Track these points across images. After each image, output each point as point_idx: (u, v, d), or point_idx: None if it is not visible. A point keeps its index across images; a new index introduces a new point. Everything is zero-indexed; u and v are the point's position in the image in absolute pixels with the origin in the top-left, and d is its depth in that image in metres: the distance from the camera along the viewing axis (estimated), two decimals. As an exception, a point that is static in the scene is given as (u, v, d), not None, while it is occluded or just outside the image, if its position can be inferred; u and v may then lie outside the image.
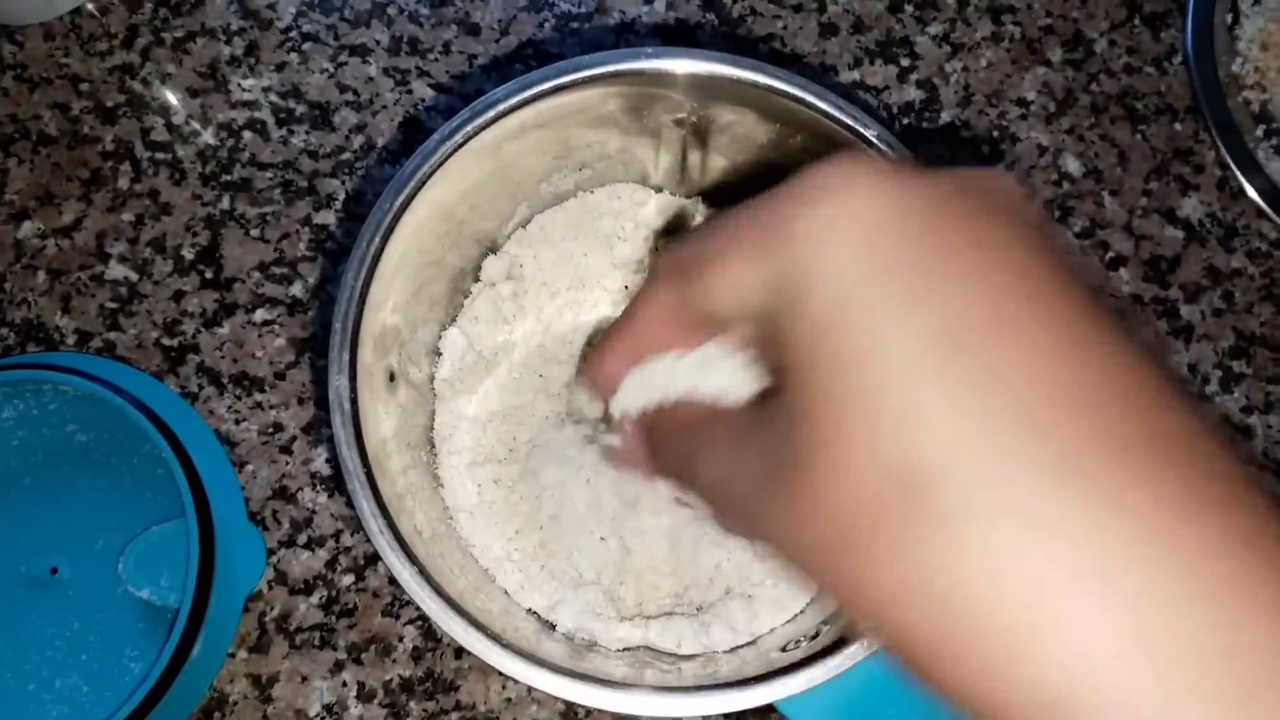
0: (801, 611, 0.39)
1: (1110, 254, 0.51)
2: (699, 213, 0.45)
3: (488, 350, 0.43)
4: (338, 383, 0.34)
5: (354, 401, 0.34)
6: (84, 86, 0.51)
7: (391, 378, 0.38)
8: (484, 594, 0.38)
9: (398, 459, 0.37)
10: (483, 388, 0.43)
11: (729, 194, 0.44)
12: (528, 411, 0.42)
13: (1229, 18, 0.54)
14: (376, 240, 0.35)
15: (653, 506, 0.40)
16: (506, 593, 0.40)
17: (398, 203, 0.35)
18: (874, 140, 0.34)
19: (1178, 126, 0.53)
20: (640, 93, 0.37)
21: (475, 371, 0.42)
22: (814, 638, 0.35)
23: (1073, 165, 0.52)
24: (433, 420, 0.42)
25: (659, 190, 0.44)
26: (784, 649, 0.36)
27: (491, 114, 0.36)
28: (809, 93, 0.34)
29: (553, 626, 0.39)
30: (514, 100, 0.36)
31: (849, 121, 0.34)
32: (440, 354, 0.43)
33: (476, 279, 0.44)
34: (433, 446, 0.42)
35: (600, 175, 0.43)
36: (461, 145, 0.36)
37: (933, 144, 0.52)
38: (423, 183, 0.36)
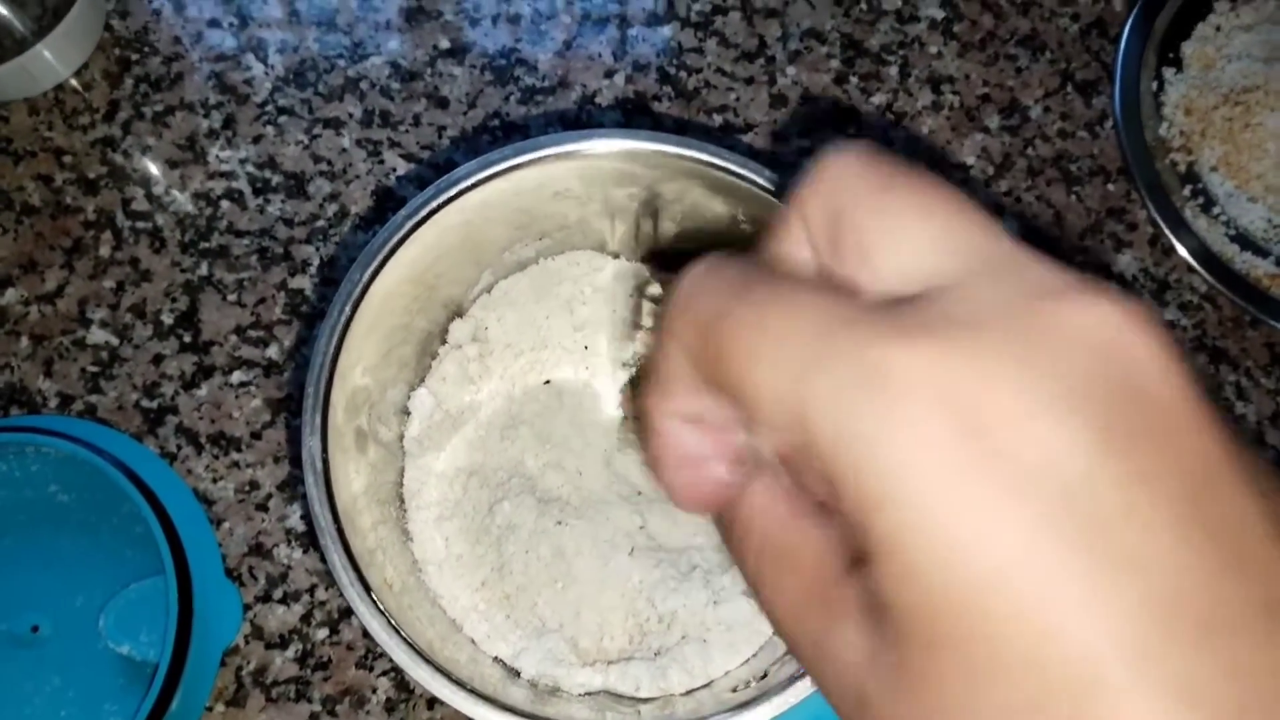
0: (754, 655, 0.41)
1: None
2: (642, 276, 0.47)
3: (455, 409, 0.45)
4: (310, 444, 0.36)
5: (325, 461, 0.36)
6: (67, 159, 0.54)
7: (361, 437, 0.40)
8: (452, 643, 0.39)
9: (368, 515, 0.39)
10: (450, 445, 0.45)
11: (680, 258, 0.46)
12: (494, 467, 0.44)
13: (1155, 85, 0.57)
14: (347, 309, 0.37)
15: (614, 556, 0.42)
16: (473, 642, 0.41)
17: (368, 273, 0.37)
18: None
19: (1110, 187, 0.56)
20: (595, 168, 0.39)
21: (443, 430, 0.44)
22: (763, 678, 0.37)
23: (1011, 226, 0.55)
24: (402, 477, 0.44)
25: (616, 256, 0.47)
26: (735, 690, 0.38)
27: (456, 190, 0.38)
28: (746, 169, 0.37)
29: (517, 673, 0.41)
30: (478, 176, 0.38)
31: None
32: (409, 413, 0.45)
33: (444, 341, 0.46)
34: (402, 502, 0.44)
35: (560, 243, 0.46)
36: (428, 219, 0.38)
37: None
38: (392, 253, 0.38)
